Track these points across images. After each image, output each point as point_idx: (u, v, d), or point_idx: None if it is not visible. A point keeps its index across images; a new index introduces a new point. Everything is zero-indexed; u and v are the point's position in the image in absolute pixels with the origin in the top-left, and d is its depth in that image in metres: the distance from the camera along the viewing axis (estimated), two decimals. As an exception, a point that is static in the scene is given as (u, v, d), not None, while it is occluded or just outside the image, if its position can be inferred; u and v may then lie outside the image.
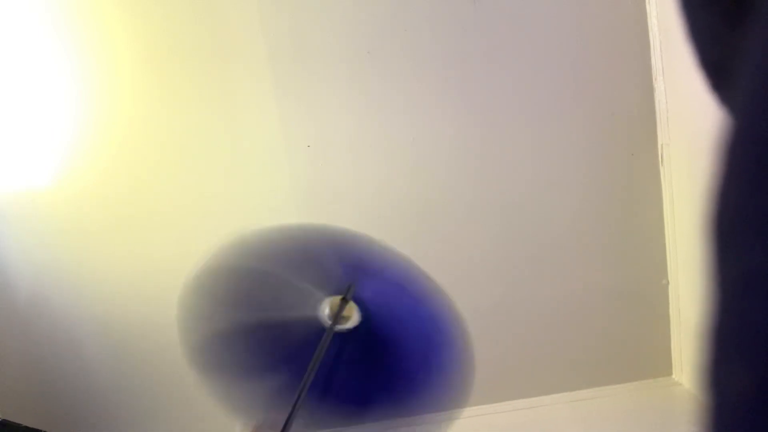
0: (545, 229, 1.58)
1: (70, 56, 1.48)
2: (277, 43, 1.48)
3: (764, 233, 0.21)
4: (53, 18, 1.47)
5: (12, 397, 1.60)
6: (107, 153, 1.53)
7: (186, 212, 1.54)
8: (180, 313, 0.75)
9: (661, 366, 1.64)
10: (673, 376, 1.64)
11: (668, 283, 1.59)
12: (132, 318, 1.58)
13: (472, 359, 0.76)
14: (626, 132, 1.53)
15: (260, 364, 0.76)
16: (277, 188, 1.54)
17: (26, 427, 1.45)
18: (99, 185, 1.54)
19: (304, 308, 0.74)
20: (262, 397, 0.75)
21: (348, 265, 0.79)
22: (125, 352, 1.61)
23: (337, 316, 0.70)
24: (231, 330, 0.76)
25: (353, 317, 0.74)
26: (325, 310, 0.74)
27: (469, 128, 1.53)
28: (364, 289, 0.75)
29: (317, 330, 0.71)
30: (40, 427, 1.47)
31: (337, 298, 0.72)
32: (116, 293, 1.58)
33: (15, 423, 1.45)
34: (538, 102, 1.53)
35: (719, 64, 0.31)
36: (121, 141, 1.52)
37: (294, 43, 1.48)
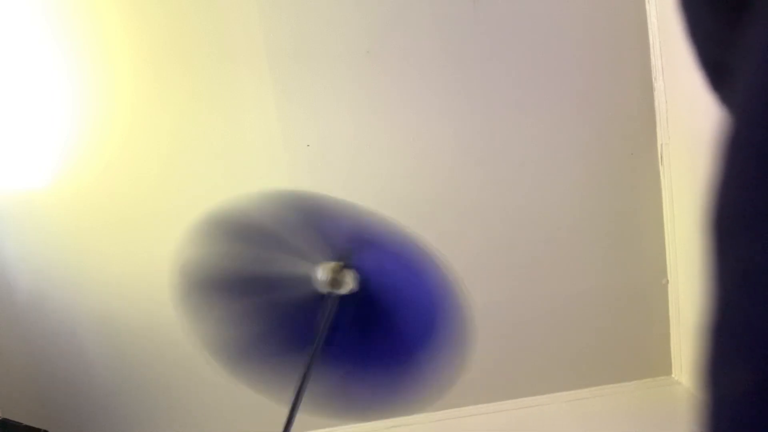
0: (545, 229, 1.58)
1: (69, 56, 1.48)
2: (277, 43, 1.48)
3: (764, 232, 0.21)
4: (52, 18, 1.47)
5: (12, 396, 1.60)
6: (106, 153, 1.53)
7: (185, 212, 1.53)
8: (184, 253, 0.75)
9: (661, 365, 1.64)
10: (673, 375, 1.64)
11: (668, 282, 1.59)
12: (132, 317, 1.58)
13: (471, 336, 0.76)
14: (626, 132, 1.54)
15: (258, 329, 0.76)
16: (276, 188, 1.54)
17: (26, 427, 1.45)
18: (98, 185, 1.54)
19: (299, 271, 0.75)
20: (265, 362, 0.76)
21: (347, 233, 0.79)
22: (125, 352, 1.61)
23: (339, 282, 0.70)
24: (229, 281, 0.76)
25: (348, 283, 0.74)
26: (321, 275, 0.74)
27: (468, 128, 1.53)
28: (362, 257, 0.76)
29: (312, 294, 0.71)
30: (40, 427, 1.47)
31: (334, 264, 0.73)
32: (116, 293, 1.58)
33: (15, 422, 1.45)
34: (538, 102, 1.53)
35: (719, 64, 0.31)
36: (120, 141, 1.53)
37: (294, 43, 1.48)
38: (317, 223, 0.80)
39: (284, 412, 0.72)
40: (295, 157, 1.52)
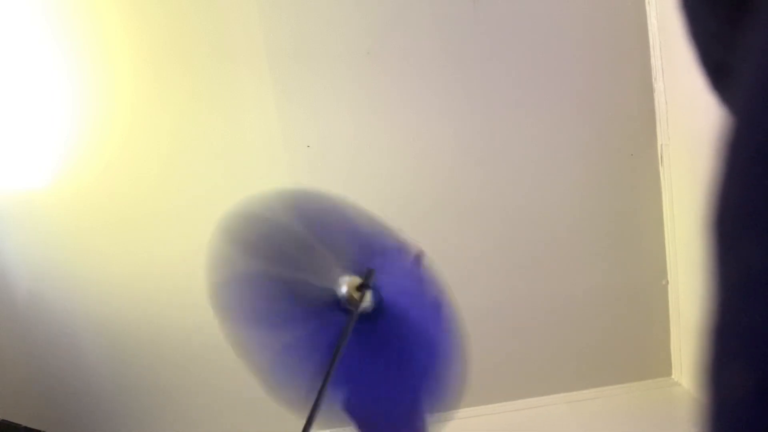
0: (545, 230, 1.58)
1: (69, 56, 1.48)
2: (277, 43, 1.48)
3: (764, 233, 0.21)
4: (52, 18, 1.47)
5: (11, 397, 1.60)
6: (106, 153, 1.53)
7: (184, 212, 1.54)
8: (210, 251, 0.76)
9: (661, 366, 1.64)
10: (673, 376, 1.64)
11: (668, 283, 1.59)
12: (131, 318, 1.58)
13: (469, 364, 0.76)
14: (626, 132, 1.53)
15: (271, 317, 0.76)
16: (276, 188, 1.54)
17: (26, 428, 1.45)
18: (98, 185, 1.54)
19: (322, 276, 0.74)
20: (268, 349, 0.76)
21: (372, 248, 0.79)
22: (124, 352, 1.61)
23: (359, 302, 0.70)
24: (251, 277, 0.76)
25: (364, 302, 0.74)
26: (343, 287, 0.73)
27: (468, 128, 1.53)
28: (380, 276, 0.75)
29: (328, 300, 0.71)
30: (39, 427, 1.47)
31: (356, 280, 0.72)
32: (115, 293, 1.58)
33: (14, 423, 1.45)
34: (538, 102, 1.53)
35: (719, 64, 0.31)
36: (120, 141, 1.53)
37: (294, 43, 1.48)
38: (343, 233, 0.79)
39: (283, 413, 0.72)
40: (295, 157, 1.52)
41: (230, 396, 1.60)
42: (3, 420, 1.45)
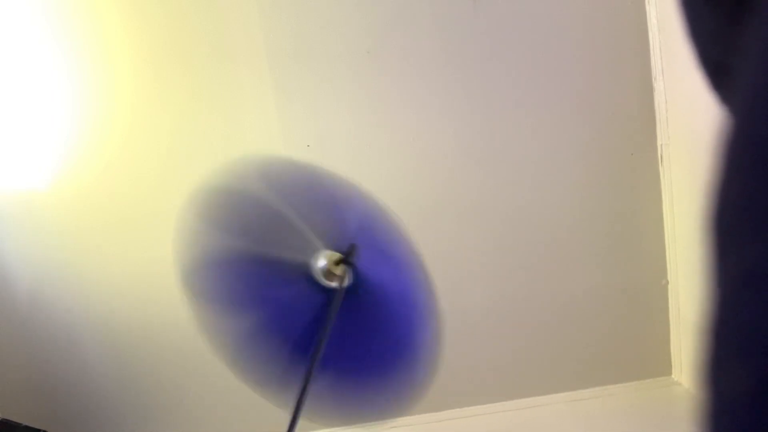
0: (545, 229, 1.58)
1: (69, 56, 1.48)
2: (277, 43, 1.48)
3: (764, 233, 0.21)
4: (52, 18, 1.47)
5: (12, 396, 1.60)
6: (106, 153, 1.53)
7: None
8: (178, 230, 0.74)
9: (661, 366, 1.64)
10: (673, 375, 1.64)
11: (668, 283, 1.59)
12: (131, 318, 1.58)
13: (442, 344, 0.75)
14: (626, 132, 1.53)
15: (242, 298, 0.74)
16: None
17: (26, 427, 1.45)
18: (98, 185, 1.54)
19: (299, 252, 0.72)
20: (239, 333, 0.74)
21: (352, 222, 0.77)
22: (125, 352, 1.61)
23: (343, 279, 0.68)
24: (223, 254, 0.74)
25: (345, 278, 0.72)
26: (321, 261, 0.71)
27: (468, 128, 1.53)
28: (362, 254, 0.74)
29: (304, 278, 0.70)
30: (40, 427, 1.47)
31: (336, 255, 0.70)
32: (116, 294, 1.58)
33: (15, 422, 1.45)
34: (538, 102, 1.53)
35: (719, 64, 0.31)
36: (120, 141, 1.53)
37: (294, 43, 1.48)
38: (326, 206, 0.78)
39: (282, 412, 0.72)
40: (295, 157, 1.52)
41: (231, 395, 1.60)
42: (3, 420, 1.45)
